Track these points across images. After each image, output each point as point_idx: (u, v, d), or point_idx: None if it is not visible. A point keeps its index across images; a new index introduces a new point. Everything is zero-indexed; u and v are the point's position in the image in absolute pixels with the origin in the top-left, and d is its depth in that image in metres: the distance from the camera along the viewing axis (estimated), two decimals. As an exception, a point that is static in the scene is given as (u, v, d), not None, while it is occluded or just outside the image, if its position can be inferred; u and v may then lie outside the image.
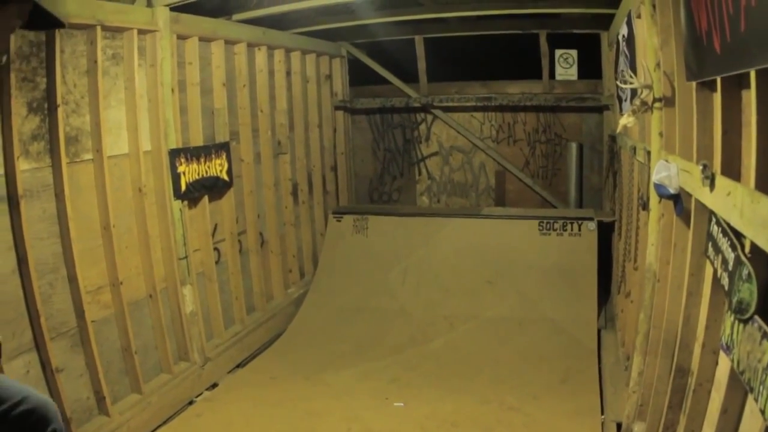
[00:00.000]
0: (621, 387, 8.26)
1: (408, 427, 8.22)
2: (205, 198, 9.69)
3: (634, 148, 8.25)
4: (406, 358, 10.20)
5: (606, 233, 12.08)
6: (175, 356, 8.99)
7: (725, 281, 3.95)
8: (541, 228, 12.18)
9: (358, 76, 14.76)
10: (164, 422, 8.37)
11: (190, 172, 9.19)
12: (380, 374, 9.78)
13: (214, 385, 9.46)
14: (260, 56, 11.29)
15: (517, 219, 12.59)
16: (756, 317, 3.35)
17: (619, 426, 7.54)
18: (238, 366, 10.18)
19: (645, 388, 6.64)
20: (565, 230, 12.04)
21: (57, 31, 6.91)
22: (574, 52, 13.32)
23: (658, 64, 6.15)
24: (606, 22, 11.42)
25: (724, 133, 4.20)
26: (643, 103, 6.46)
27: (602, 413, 8.42)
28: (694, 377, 4.81)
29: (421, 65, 13.91)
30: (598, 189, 13.57)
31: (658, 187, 5.56)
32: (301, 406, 8.79)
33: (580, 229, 12.02)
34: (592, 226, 11.92)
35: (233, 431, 8.22)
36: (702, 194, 4.40)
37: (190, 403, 8.90)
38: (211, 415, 8.59)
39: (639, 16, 7.30)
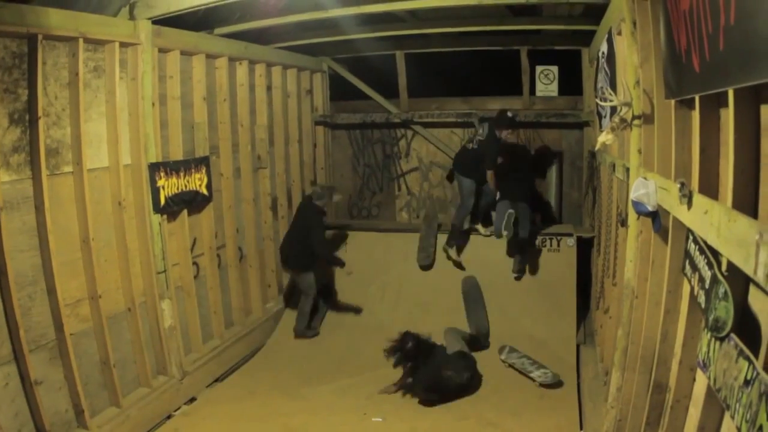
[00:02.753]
0: (600, 402, 8.27)
1: (387, 442, 8.22)
2: (185, 212, 9.67)
3: (614, 165, 8.29)
4: (385, 374, 10.14)
5: (585, 249, 12.10)
6: (153, 370, 8.96)
7: (702, 299, 3.98)
8: (520, 244, 12.20)
9: (339, 91, 14.78)
10: (143, 436, 8.37)
11: (170, 186, 9.17)
12: (359, 390, 9.79)
13: (193, 400, 9.44)
14: (241, 70, 11.29)
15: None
16: (732, 335, 3.37)
17: (597, 441, 7.55)
18: (216, 380, 10.16)
19: (623, 403, 6.64)
20: (544, 246, 12.05)
21: (40, 42, 6.90)
22: (555, 69, 13.36)
23: (637, 82, 6.18)
24: (587, 38, 11.48)
25: (702, 151, 4.22)
26: (623, 120, 6.48)
27: (581, 428, 8.44)
28: (672, 394, 4.84)
29: (402, 81, 13.92)
30: (577, 205, 13.59)
31: (637, 205, 5.57)
32: (280, 421, 8.77)
33: (559, 245, 12.04)
34: (572, 241, 11.94)
35: (211, 446, 8.22)
36: (680, 212, 4.41)
37: (169, 417, 8.88)
38: (190, 430, 8.56)
39: (620, 33, 7.35)
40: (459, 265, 12.15)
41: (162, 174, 9.01)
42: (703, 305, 3.95)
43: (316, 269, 11.78)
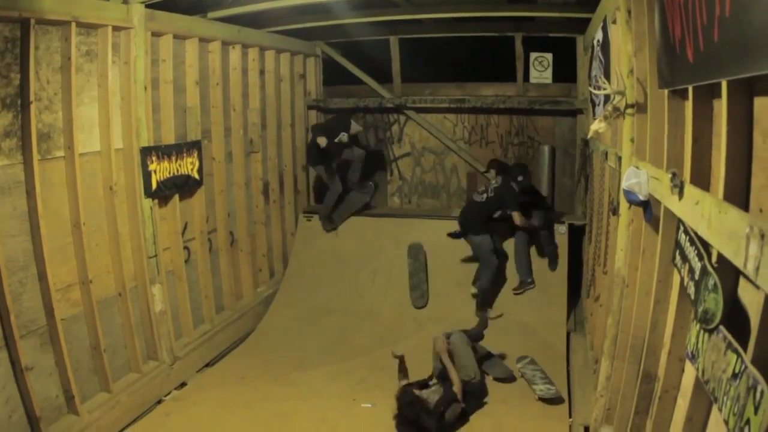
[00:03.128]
0: (589, 390, 8.29)
1: (375, 428, 8.22)
2: (176, 196, 9.65)
3: (606, 153, 8.28)
4: (375, 359, 10.19)
5: (577, 236, 12.13)
6: (144, 355, 8.95)
7: (691, 290, 3.97)
8: (512, 230, 12.19)
9: (332, 75, 14.74)
10: (133, 421, 8.36)
11: (162, 170, 9.14)
12: (348, 375, 9.81)
13: (183, 385, 9.45)
14: (234, 54, 11.25)
15: (488, 221, 12.59)
16: (721, 327, 3.37)
17: (586, 429, 7.57)
18: (207, 365, 10.17)
19: (612, 392, 6.67)
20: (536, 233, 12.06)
21: (32, 27, 6.86)
22: (549, 56, 13.33)
23: (631, 71, 6.18)
24: (582, 26, 11.45)
25: (695, 141, 4.22)
26: (616, 108, 6.48)
27: (570, 416, 8.46)
28: (661, 383, 4.84)
29: (396, 66, 13.88)
30: (570, 192, 13.59)
31: (628, 194, 5.57)
32: (270, 406, 8.79)
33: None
34: (563, 229, 11.95)
35: (201, 431, 8.21)
36: (671, 202, 4.41)
37: (159, 402, 8.88)
38: (180, 415, 8.57)
39: (614, 22, 7.32)
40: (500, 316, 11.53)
41: (154, 158, 8.98)
42: (692, 296, 3.95)
43: None
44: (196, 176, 10.06)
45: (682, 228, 4.36)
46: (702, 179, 4.15)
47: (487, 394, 8.95)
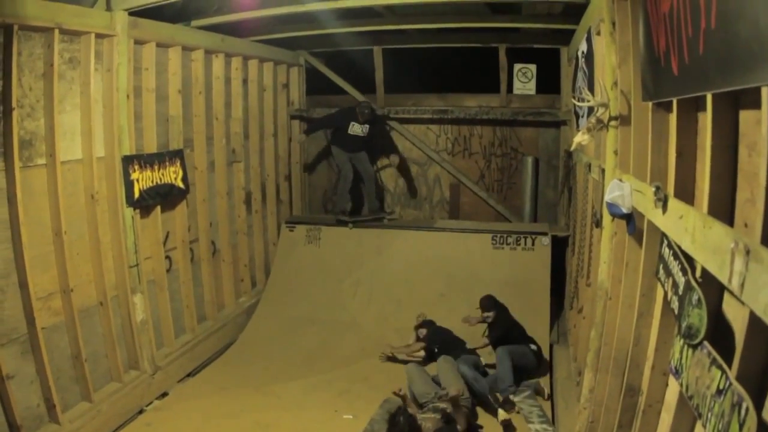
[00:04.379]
0: (572, 402, 8.28)
1: (357, 440, 8.18)
2: (158, 206, 9.61)
3: (589, 165, 8.29)
4: (357, 370, 10.17)
5: (560, 248, 12.13)
6: (125, 364, 8.89)
7: (675, 305, 3.96)
8: (494, 242, 12.22)
9: (316, 85, 14.74)
10: (114, 431, 8.31)
11: (144, 179, 9.09)
12: (330, 386, 9.78)
13: (164, 395, 9.38)
14: (217, 63, 11.22)
15: (470, 232, 12.64)
16: (705, 343, 3.35)
17: (569, 441, 7.54)
18: (188, 375, 10.10)
19: (596, 405, 6.65)
20: (519, 244, 12.08)
21: (15, 33, 6.81)
22: (533, 67, 13.39)
23: (615, 83, 6.17)
24: (566, 37, 11.49)
25: (679, 155, 4.21)
26: (599, 121, 6.47)
27: (554, 427, 8.45)
28: (644, 397, 4.83)
29: (379, 76, 13.89)
30: (553, 204, 13.63)
31: (611, 206, 5.56)
32: (251, 417, 8.73)
33: (533, 244, 12.07)
34: (546, 240, 11.96)
35: (182, 442, 8.17)
36: (654, 216, 4.40)
37: (140, 412, 8.82)
38: (161, 425, 8.51)
39: (599, 33, 7.34)
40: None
41: (136, 167, 8.92)
42: (676, 311, 3.93)
43: None
44: (181, 185, 10.01)
45: (665, 242, 4.35)
46: (686, 193, 4.15)
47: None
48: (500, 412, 8.53)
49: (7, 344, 6.96)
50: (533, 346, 9.71)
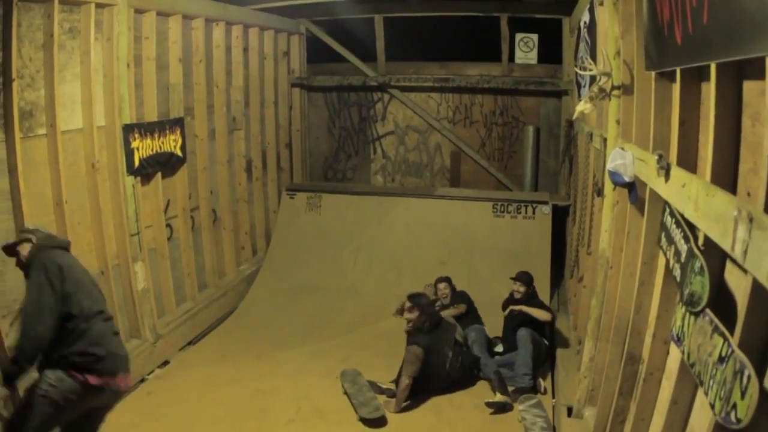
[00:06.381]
0: (573, 371, 8.30)
1: (358, 407, 8.22)
2: (158, 174, 9.59)
3: (591, 134, 8.28)
4: (357, 338, 10.22)
5: (561, 217, 12.14)
6: (126, 333, 8.86)
7: (677, 272, 3.97)
8: (495, 210, 12.23)
9: (316, 53, 14.68)
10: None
11: (144, 147, 9.07)
12: (331, 353, 9.82)
13: (166, 363, 9.41)
14: (218, 32, 11.15)
15: (471, 200, 12.67)
16: (707, 310, 3.36)
17: (570, 410, 7.56)
18: (189, 343, 10.14)
19: (596, 373, 6.68)
20: (519, 213, 12.09)
21: (15, 3, 6.76)
22: (534, 36, 13.34)
23: (618, 53, 6.16)
24: (569, 7, 11.42)
25: (682, 124, 4.21)
26: (601, 90, 6.46)
27: (553, 397, 8.48)
28: (645, 365, 4.84)
29: (380, 44, 13.83)
30: (554, 173, 13.61)
31: (613, 175, 5.56)
32: (252, 384, 8.77)
33: (534, 213, 12.09)
34: (547, 209, 11.97)
35: (184, 409, 8.17)
36: (657, 184, 4.41)
37: (142, 380, 8.82)
38: (163, 393, 8.53)
39: (602, 4, 7.31)
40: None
41: (136, 135, 8.91)
42: (678, 279, 3.94)
43: None
44: (179, 153, 9.99)
45: (668, 210, 4.35)
46: (688, 162, 4.15)
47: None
48: (498, 395, 8.41)
49: (8, 315, 6.96)
50: (546, 342, 9.58)
